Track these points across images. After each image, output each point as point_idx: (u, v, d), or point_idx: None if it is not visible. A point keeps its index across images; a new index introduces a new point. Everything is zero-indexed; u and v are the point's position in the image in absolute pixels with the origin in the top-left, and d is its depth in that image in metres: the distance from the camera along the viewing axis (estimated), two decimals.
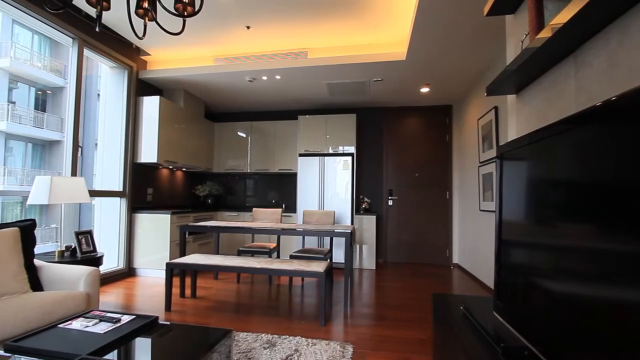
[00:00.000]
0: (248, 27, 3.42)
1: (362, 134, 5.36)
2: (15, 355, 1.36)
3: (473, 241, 4.23)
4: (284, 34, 3.55)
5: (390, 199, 5.27)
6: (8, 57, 8.70)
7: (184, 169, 5.12)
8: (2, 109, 8.71)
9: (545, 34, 1.04)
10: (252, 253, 3.76)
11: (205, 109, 5.40)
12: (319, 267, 2.73)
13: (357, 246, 4.73)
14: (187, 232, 3.34)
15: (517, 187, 1.18)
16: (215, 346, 1.49)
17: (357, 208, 5.08)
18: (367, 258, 4.72)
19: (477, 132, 4.07)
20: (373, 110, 5.37)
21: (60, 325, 1.58)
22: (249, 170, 5.44)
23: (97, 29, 1.59)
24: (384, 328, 2.57)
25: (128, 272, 4.04)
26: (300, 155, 4.93)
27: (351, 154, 4.81)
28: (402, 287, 3.78)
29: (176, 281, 3.67)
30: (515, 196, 1.20)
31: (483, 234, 3.84)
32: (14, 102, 9.07)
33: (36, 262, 2.23)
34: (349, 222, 4.66)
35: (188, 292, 3.34)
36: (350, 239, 2.95)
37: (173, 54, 4.13)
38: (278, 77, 4.10)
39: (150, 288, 3.56)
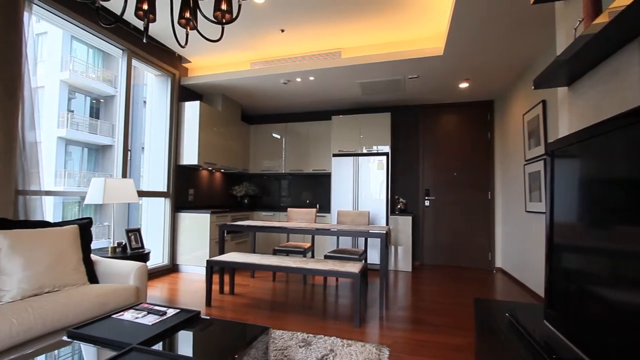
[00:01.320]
0: (282, 31, 3.49)
1: (397, 133, 5.25)
2: (76, 341, 1.49)
3: (519, 244, 3.98)
4: (317, 35, 3.57)
5: (427, 199, 5.10)
6: (68, 71, 9.59)
7: (222, 170, 5.32)
8: (63, 118, 9.62)
9: (603, 19, 0.95)
10: (287, 252, 3.82)
11: (241, 111, 5.58)
12: (354, 267, 2.71)
13: (392, 247, 4.64)
14: (225, 231, 3.46)
15: (572, 186, 1.09)
16: (253, 342, 1.53)
17: (392, 208, 4.98)
18: (402, 260, 4.61)
19: (522, 129, 3.83)
20: (408, 108, 5.24)
21: (114, 316, 1.71)
22: (283, 171, 5.53)
23: (144, 40, 1.70)
24: (421, 332, 2.49)
25: (172, 268, 4.27)
26: (334, 155, 4.93)
27: (386, 154, 4.72)
28: (440, 290, 3.65)
29: (215, 278, 3.83)
30: (569, 196, 1.11)
31: (530, 237, 3.60)
32: (73, 111, 9.97)
33: (92, 256, 2.43)
34: (383, 223, 4.58)
35: (227, 288, 3.47)
36: (386, 239, 2.90)
37: (212, 60, 4.31)
38: (312, 78, 4.13)
39: (191, 284, 3.74)
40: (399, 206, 4.91)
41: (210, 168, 4.90)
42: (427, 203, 5.11)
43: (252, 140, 5.73)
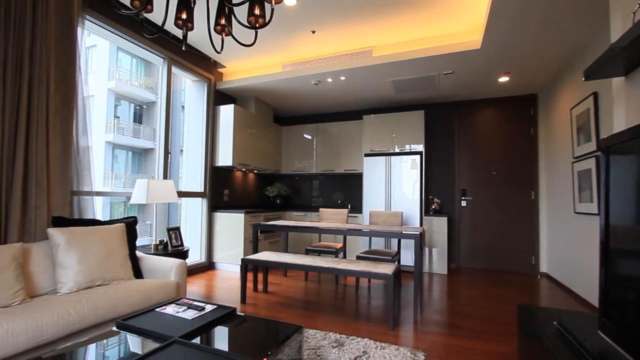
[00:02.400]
0: (313, 32, 3.51)
1: (431, 131, 5.09)
2: (123, 332, 1.59)
3: (566, 248, 3.71)
4: (348, 34, 3.56)
5: (464, 200, 4.90)
6: (114, 80, 10.31)
7: (255, 171, 5.46)
8: (110, 123, 10.36)
9: None
10: (319, 252, 3.83)
11: (273, 113, 5.69)
12: (387, 269, 2.67)
13: (427, 249, 4.51)
14: (259, 231, 3.54)
15: (631, 186, 1.00)
16: (287, 340, 1.55)
17: (427, 209, 4.84)
18: (437, 262, 4.46)
19: (570, 124, 3.56)
20: (443, 105, 5.07)
21: (157, 310, 1.80)
22: (314, 171, 5.56)
23: (183, 48, 1.79)
24: (458, 338, 2.39)
25: (208, 265, 4.45)
26: (366, 155, 4.88)
27: (419, 153, 4.60)
28: (478, 295, 3.49)
29: (250, 276, 3.93)
30: (628, 197, 1.01)
31: (580, 240, 3.34)
32: (118, 117, 10.70)
33: (137, 253, 2.59)
34: (417, 224, 4.46)
35: (260, 286, 3.55)
36: (420, 241, 2.82)
37: (245, 64, 4.43)
38: (343, 78, 4.12)
39: (227, 281, 3.87)
40: (433, 207, 4.76)
41: (244, 169, 5.05)
42: (463, 203, 4.90)
43: (284, 141, 5.82)
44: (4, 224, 2.14)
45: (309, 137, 5.63)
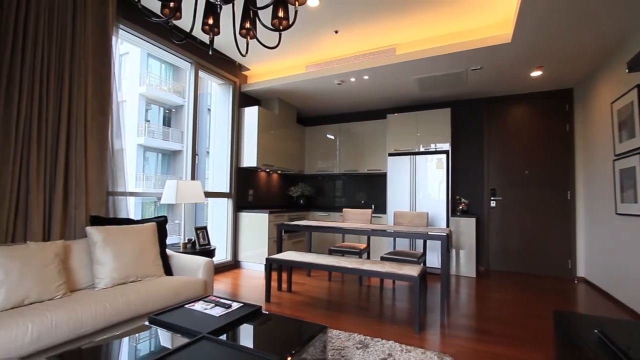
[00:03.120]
0: (336, 32, 3.50)
1: (458, 129, 4.94)
2: (154, 327, 1.65)
3: (607, 251, 3.48)
4: (371, 33, 3.52)
5: (493, 200, 4.72)
6: (145, 85, 10.78)
7: (279, 172, 5.52)
8: (141, 127, 10.83)
9: None
10: (343, 253, 3.82)
11: (297, 114, 5.73)
12: (413, 270, 2.61)
13: (454, 251, 4.38)
14: (283, 230, 3.58)
15: None
16: (312, 340, 1.56)
17: (453, 209, 4.70)
18: (465, 264, 4.32)
19: (610, 119, 3.34)
20: (470, 102, 4.90)
21: (186, 306, 1.86)
22: (338, 172, 5.55)
23: (209, 52, 1.84)
24: (488, 343, 2.30)
25: (234, 264, 4.54)
26: (390, 154, 4.81)
27: (445, 152, 4.48)
28: (509, 299, 3.34)
29: (274, 275, 3.98)
30: None
31: (623, 243, 3.13)
32: (149, 121, 11.17)
33: (167, 251, 2.69)
34: (443, 225, 4.35)
35: (284, 286, 3.58)
36: (447, 242, 2.74)
37: (269, 66, 4.50)
38: (366, 77, 4.08)
39: (251, 280, 3.93)
40: (460, 207, 4.62)
41: (268, 170, 5.12)
42: (493, 204, 4.72)
43: (307, 141, 5.86)
44: (47, 221, 2.29)
45: (332, 137, 5.62)
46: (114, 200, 2.80)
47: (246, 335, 1.64)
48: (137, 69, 10.78)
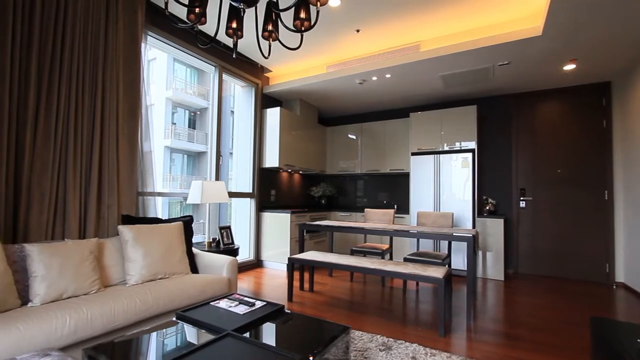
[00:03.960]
0: (358, 31, 3.48)
1: (485, 127, 4.78)
2: (181, 322, 1.70)
3: None
4: (394, 30, 3.47)
5: (523, 200, 4.52)
6: (171, 89, 11.16)
7: (300, 172, 5.55)
8: (168, 129, 11.22)
9: None
10: (365, 253, 3.79)
11: (318, 114, 5.74)
12: (437, 272, 2.55)
13: (480, 253, 4.23)
14: (305, 230, 3.60)
15: None
16: (335, 340, 1.55)
17: (480, 210, 4.55)
18: (492, 267, 4.17)
19: None
20: (498, 98, 4.73)
21: (212, 303, 1.91)
22: (359, 172, 5.52)
23: (233, 55, 1.87)
24: (518, 349, 2.21)
25: (256, 263, 4.61)
26: (413, 154, 4.73)
27: (471, 150, 4.34)
28: (540, 304, 3.19)
29: (296, 275, 4.00)
30: None
31: None
32: (175, 123, 11.55)
33: (193, 250, 2.77)
34: (469, 226, 4.22)
35: (306, 285, 3.60)
36: (474, 243, 2.66)
37: (290, 67, 4.54)
38: (388, 75, 4.03)
39: (274, 279, 3.98)
40: (487, 207, 4.46)
41: (289, 170, 5.16)
42: (522, 204, 4.53)
43: (328, 141, 5.86)
44: (83, 220, 2.42)
45: (354, 137, 5.59)
46: (143, 200, 2.91)
47: (269, 334, 1.65)
48: (164, 74, 11.17)
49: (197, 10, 1.61)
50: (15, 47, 2.07)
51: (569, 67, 3.68)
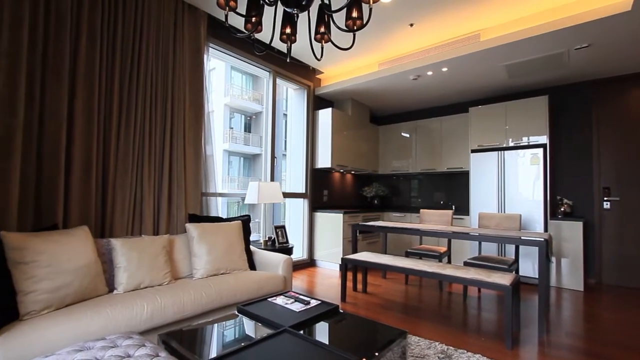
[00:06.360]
0: (411, 25, 3.36)
1: (558, 119, 4.30)
2: (241, 316, 1.79)
3: None
4: (451, 21, 3.29)
5: (607, 201, 3.97)
6: (229, 96, 11.87)
7: (352, 172, 5.53)
8: (226, 134, 11.95)
9: None
10: (421, 255, 3.64)
11: (370, 113, 5.67)
12: (503, 279, 2.35)
13: (554, 259, 3.81)
14: (357, 231, 3.57)
15: None
16: (391, 345, 1.51)
17: (553, 212, 4.10)
18: (568, 275, 3.73)
19: None
20: (574, 86, 4.22)
21: (269, 299, 1.98)
22: (414, 171, 5.32)
23: (287, 60, 1.93)
24: None
25: (309, 262, 4.69)
26: (473, 151, 4.42)
27: (542, 145, 3.93)
28: (631, 320, 2.77)
29: (349, 275, 3.99)
30: None
31: None
32: (232, 128, 12.27)
33: (251, 247, 2.91)
34: (539, 229, 3.82)
35: (360, 286, 3.56)
36: (547, 248, 2.40)
37: (341, 67, 4.54)
38: (445, 69, 3.82)
39: (327, 279, 4.01)
40: (562, 209, 4.00)
41: (342, 170, 5.17)
42: (606, 205, 3.98)
43: (380, 141, 5.75)
44: (156, 218, 2.69)
45: (407, 135, 5.41)
46: (206, 200, 3.14)
47: (324, 333, 1.67)
48: (222, 82, 11.93)
49: (253, 19, 1.68)
50: (102, 64, 2.38)
51: None
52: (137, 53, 2.56)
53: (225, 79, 12.02)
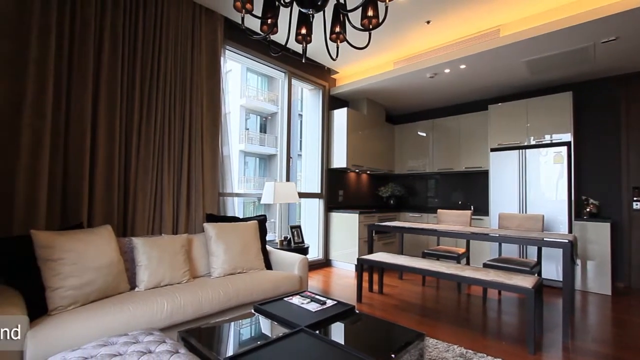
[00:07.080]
0: (428, 22, 3.30)
1: (583, 116, 4.12)
2: (258, 314, 1.81)
3: None
4: (469, 17, 3.21)
5: (637, 201, 3.78)
6: (245, 97, 12.03)
7: (368, 172, 5.49)
8: (242, 135, 12.11)
9: None
10: (438, 257, 3.57)
11: (385, 113, 5.61)
12: (525, 282, 2.28)
13: (579, 262, 3.66)
14: (373, 231, 3.54)
15: None
16: (408, 347, 1.49)
17: (578, 212, 3.94)
18: (594, 279, 3.57)
19: None
20: (599, 82, 4.04)
21: (285, 299, 1.99)
22: (430, 170, 5.24)
23: (303, 61, 1.93)
24: None
25: (325, 262, 4.69)
26: (492, 150, 4.31)
27: (566, 143, 3.78)
28: None
29: (365, 276, 3.96)
30: None
31: None
32: (248, 129, 12.41)
33: (267, 247, 2.93)
34: (563, 230, 3.68)
35: (376, 287, 3.53)
36: (571, 250, 2.31)
37: (356, 67, 4.51)
38: (463, 66, 3.74)
39: (342, 279, 4.00)
40: (588, 209, 3.84)
41: (357, 170, 5.14)
42: (636, 205, 3.79)
43: (396, 140, 5.68)
44: (175, 217, 2.75)
45: (424, 134, 5.33)
46: (223, 200, 3.19)
47: (340, 333, 1.67)
48: (238, 83, 12.10)
49: (269, 21, 1.69)
50: (124, 68, 2.45)
51: None
52: (156, 57, 2.63)
53: (241, 80, 12.17)
